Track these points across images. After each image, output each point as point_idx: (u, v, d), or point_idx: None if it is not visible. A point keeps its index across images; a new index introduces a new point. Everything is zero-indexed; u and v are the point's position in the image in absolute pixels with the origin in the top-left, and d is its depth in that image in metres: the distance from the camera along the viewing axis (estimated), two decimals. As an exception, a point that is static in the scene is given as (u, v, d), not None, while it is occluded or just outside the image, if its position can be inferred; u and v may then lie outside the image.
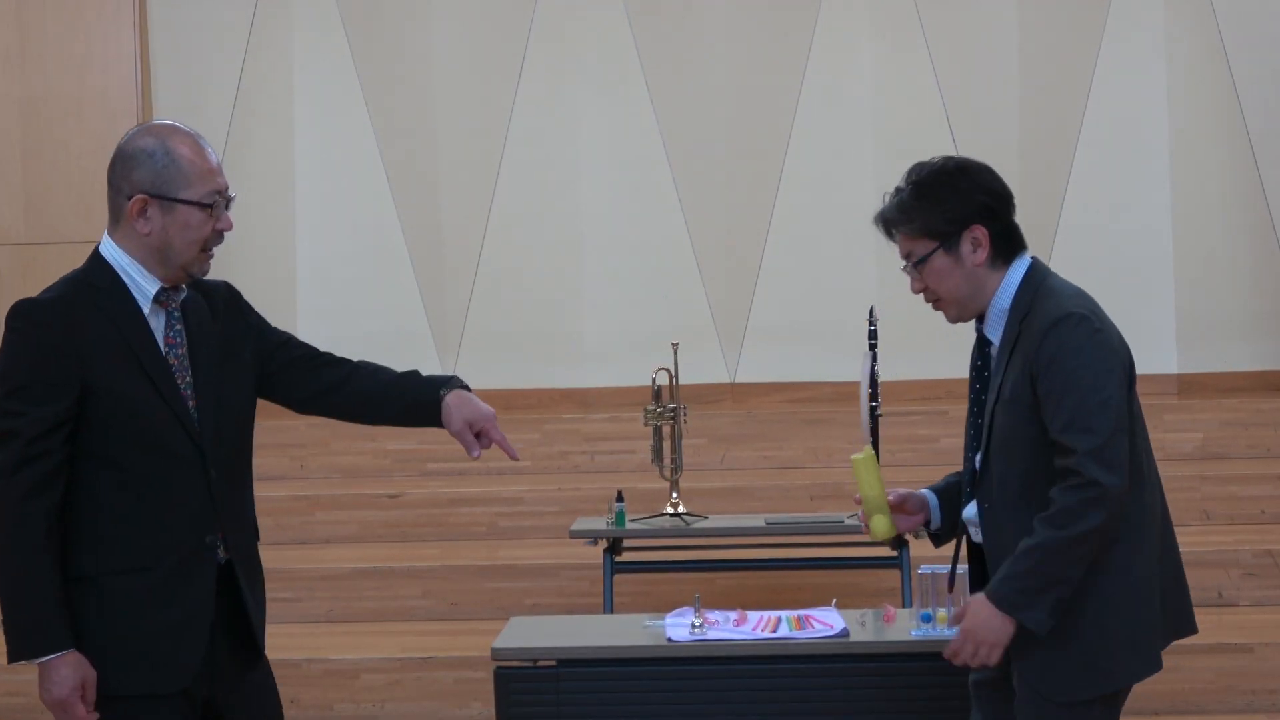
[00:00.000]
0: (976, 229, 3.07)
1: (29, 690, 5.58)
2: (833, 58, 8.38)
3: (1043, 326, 2.98)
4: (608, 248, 8.42)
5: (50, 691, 2.87)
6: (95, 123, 8.24)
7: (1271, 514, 6.63)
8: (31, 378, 2.86)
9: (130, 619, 2.90)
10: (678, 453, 5.53)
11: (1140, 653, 3.01)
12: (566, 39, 8.45)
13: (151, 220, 2.93)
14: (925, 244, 3.09)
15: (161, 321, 2.98)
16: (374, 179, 8.42)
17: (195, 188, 2.93)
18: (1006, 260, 3.11)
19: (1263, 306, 8.21)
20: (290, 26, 8.48)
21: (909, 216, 3.10)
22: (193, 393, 2.97)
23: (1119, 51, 8.27)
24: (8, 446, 2.84)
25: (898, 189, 3.13)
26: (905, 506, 3.34)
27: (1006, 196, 3.13)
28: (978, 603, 2.98)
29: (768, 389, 8.31)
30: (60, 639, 2.85)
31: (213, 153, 3.00)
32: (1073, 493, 2.90)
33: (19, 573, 2.84)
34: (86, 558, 2.90)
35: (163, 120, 3.06)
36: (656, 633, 3.88)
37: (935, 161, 3.15)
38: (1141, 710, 5.22)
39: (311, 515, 6.89)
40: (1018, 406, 3.01)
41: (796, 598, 5.82)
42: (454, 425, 3.32)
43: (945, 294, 3.12)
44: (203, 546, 2.95)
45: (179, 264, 2.96)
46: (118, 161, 2.97)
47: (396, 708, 5.57)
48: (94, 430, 2.88)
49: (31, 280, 8.13)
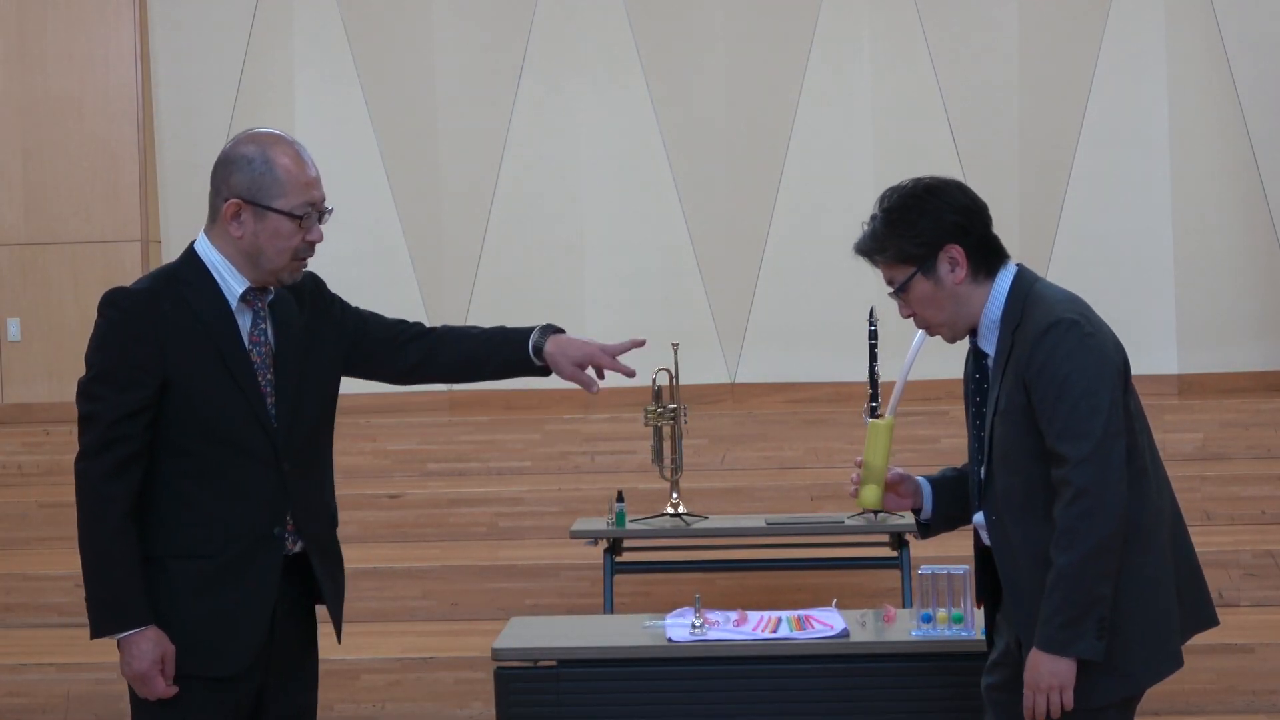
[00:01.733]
0: (951, 249, 3.04)
1: (30, 690, 5.62)
2: (833, 58, 8.39)
3: (1035, 334, 2.97)
4: (608, 248, 8.42)
5: (131, 665, 2.94)
6: (95, 123, 8.25)
7: (1271, 514, 6.63)
8: (117, 364, 2.94)
9: (191, 602, 2.98)
10: (678, 453, 5.53)
11: (1158, 653, 3.00)
12: (566, 39, 8.46)
13: (244, 225, 3.01)
14: (903, 270, 3.08)
15: (248, 320, 3.06)
16: (374, 179, 8.42)
17: (289, 198, 3.02)
18: (990, 273, 3.09)
19: (1263, 307, 8.22)
20: (290, 26, 8.49)
21: (882, 245, 3.09)
22: (272, 389, 3.06)
23: (1119, 51, 8.27)
24: (91, 429, 2.94)
25: (872, 217, 3.13)
26: (900, 488, 3.33)
27: (978, 210, 3.10)
28: (1032, 655, 2.96)
29: (768, 389, 8.32)
30: (141, 615, 2.93)
31: (313, 165, 3.07)
32: (1068, 510, 2.89)
33: (101, 551, 2.93)
34: (155, 539, 2.98)
35: (268, 128, 3.12)
36: (657, 633, 3.88)
37: (904, 185, 3.11)
38: (1142, 710, 5.19)
39: (312, 515, 6.89)
40: (1015, 417, 3.00)
41: (796, 598, 5.82)
42: (565, 373, 3.37)
43: (932, 318, 3.12)
44: (270, 537, 3.03)
45: (269, 269, 3.04)
46: (220, 164, 3.05)
47: (397, 708, 5.57)
48: (170, 420, 2.97)
49: (32, 280, 8.14)
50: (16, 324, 8.10)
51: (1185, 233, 8.25)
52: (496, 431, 7.63)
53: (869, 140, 8.33)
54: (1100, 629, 2.90)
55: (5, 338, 8.13)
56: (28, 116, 8.25)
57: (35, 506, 6.97)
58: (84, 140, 8.24)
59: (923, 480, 3.36)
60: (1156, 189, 8.24)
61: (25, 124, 8.25)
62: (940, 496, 3.34)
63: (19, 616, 6.30)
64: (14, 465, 7.55)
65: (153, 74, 8.40)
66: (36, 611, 6.29)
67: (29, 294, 8.09)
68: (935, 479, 3.36)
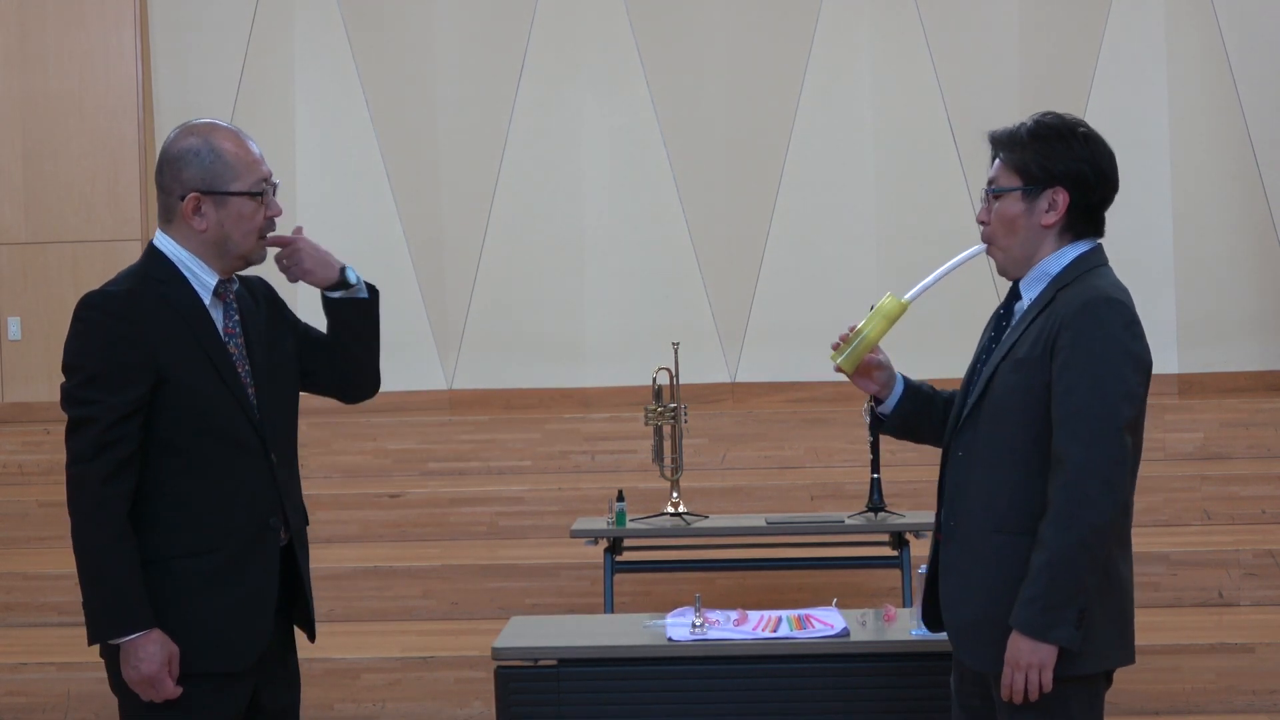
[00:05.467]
0: (1060, 192, 3.03)
1: (30, 690, 5.62)
2: (833, 58, 8.39)
3: (1080, 300, 2.94)
4: (608, 247, 8.42)
5: (138, 669, 2.93)
6: (95, 123, 8.25)
7: (1272, 514, 6.63)
8: (106, 366, 2.94)
9: (199, 599, 2.98)
10: (678, 452, 5.53)
11: (1119, 638, 3.00)
12: (566, 39, 8.46)
13: (206, 216, 3.03)
14: (1012, 179, 3.06)
15: (220, 313, 3.08)
16: (374, 179, 8.42)
17: (244, 179, 3.03)
18: (1075, 236, 3.08)
19: (1263, 306, 8.22)
20: (290, 26, 8.49)
21: (1014, 146, 3.07)
22: (251, 380, 3.08)
23: (1119, 51, 8.27)
24: (85, 433, 2.94)
25: (1022, 123, 3.11)
26: (875, 373, 3.27)
27: (1110, 180, 3.09)
28: (1012, 636, 2.95)
29: (768, 389, 8.32)
30: (144, 617, 2.92)
31: (254, 144, 3.09)
32: (1065, 491, 2.86)
33: (101, 555, 2.93)
34: (156, 541, 2.98)
35: (201, 119, 3.13)
36: (657, 633, 3.88)
37: (1070, 117, 3.11)
38: (1142, 710, 5.23)
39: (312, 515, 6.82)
40: (1026, 367, 2.97)
41: (796, 598, 5.83)
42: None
43: (1000, 237, 3.09)
44: (267, 528, 3.06)
45: (238, 254, 3.07)
46: (165, 164, 3.06)
47: (397, 707, 5.57)
48: (162, 419, 2.97)
49: (32, 280, 8.15)
50: (17, 323, 8.10)
51: (1185, 233, 8.24)
52: (496, 431, 7.63)
53: (869, 140, 8.33)
54: (1080, 619, 2.89)
55: (5, 337, 8.13)
56: (28, 116, 8.25)
57: (35, 506, 6.96)
58: (84, 140, 8.23)
59: (900, 375, 3.31)
60: (1156, 189, 8.23)
61: (25, 124, 8.25)
62: (908, 401, 3.29)
63: (19, 616, 6.30)
64: (14, 465, 7.55)
65: (153, 74, 8.40)
66: (36, 611, 6.29)
67: (29, 293, 8.09)
68: (911, 383, 3.32)
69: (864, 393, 3.33)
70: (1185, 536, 6.40)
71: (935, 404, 3.30)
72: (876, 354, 3.25)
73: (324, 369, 3.28)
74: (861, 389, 3.32)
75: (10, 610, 6.33)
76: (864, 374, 3.26)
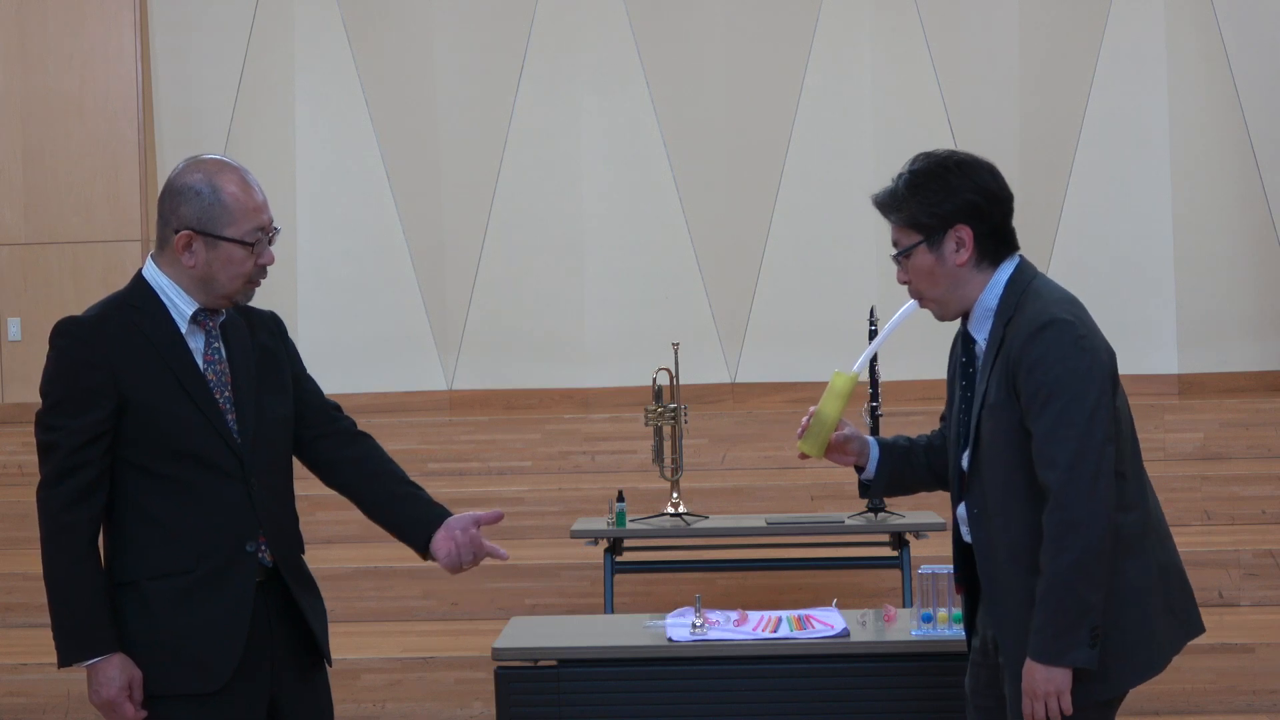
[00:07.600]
0: (962, 229, 3.00)
1: (30, 690, 5.62)
2: (833, 58, 8.39)
3: (1027, 331, 2.92)
4: (608, 248, 8.42)
5: (99, 692, 2.94)
6: (95, 123, 8.25)
7: (1272, 514, 6.63)
8: (69, 391, 2.96)
9: (168, 620, 2.97)
10: (678, 453, 5.53)
11: (1136, 658, 2.97)
12: (567, 39, 8.46)
13: (196, 255, 3.01)
14: (910, 236, 3.04)
15: (200, 340, 3.07)
16: (374, 179, 8.42)
17: (239, 225, 3.01)
18: (995, 261, 3.04)
19: (1263, 307, 8.22)
20: (290, 26, 8.49)
21: (897, 205, 3.05)
22: (232, 406, 3.06)
23: (1119, 51, 8.27)
24: (50, 459, 2.99)
25: (899, 175, 3.09)
26: (847, 447, 3.27)
27: (1001, 198, 3.04)
28: (1027, 664, 2.93)
29: (768, 389, 8.32)
30: (105, 642, 2.93)
31: (259, 189, 3.07)
32: (1053, 518, 2.87)
33: (65, 579, 2.96)
34: (128, 563, 2.99)
35: (211, 155, 3.13)
36: (657, 633, 3.88)
37: (938, 153, 3.07)
38: (1142, 710, 5.22)
39: (313, 515, 6.87)
40: (1002, 412, 2.97)
41: (796, 598, 5.83)
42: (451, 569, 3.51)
43: (926, 291, 3.08)
44: (242, 553, 3.03)
45: (221, 294, 3.05)
46: (167, 195, 3.06)
47: (397, 708, 5.57)
48: (131, 442, 2.97)
49: (31, 280, 8.15)
50: (17, 324, 8.10)
51: (1185, 233, 8.24)
52: (496, 431, 7.63)
53: (869, 140, 8.33)
54: (1093, 637, 2.88)
55: (5, 338, 8.13)
56: (28, 116, 8.26)
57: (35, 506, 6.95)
58: (84, 140, 8.23)
59: (871, 441, 3.31)
60: (1156, 189, 8.24)
61: (25, 124, 8.25)
62: (887, 461, 3.29)
63: (19, 616, 6.30)
64: (14, 465, 7.55)
65: (153, 74, 8.40)
66: (37, 611, 6.25)
67: (29, 294, 8.09)
68: (885, 442, 3.32)
69: (840, 466, 3.34)
70: (1185, 537, 6.37)
71: (915, 454, 3.31)
72: (842, 428, 3.26)
73: (301, 440, 3.30)
74: (839, 464, 3.33)
75: (10, 610, 6.33)
76: (838, 450, 3.27)
